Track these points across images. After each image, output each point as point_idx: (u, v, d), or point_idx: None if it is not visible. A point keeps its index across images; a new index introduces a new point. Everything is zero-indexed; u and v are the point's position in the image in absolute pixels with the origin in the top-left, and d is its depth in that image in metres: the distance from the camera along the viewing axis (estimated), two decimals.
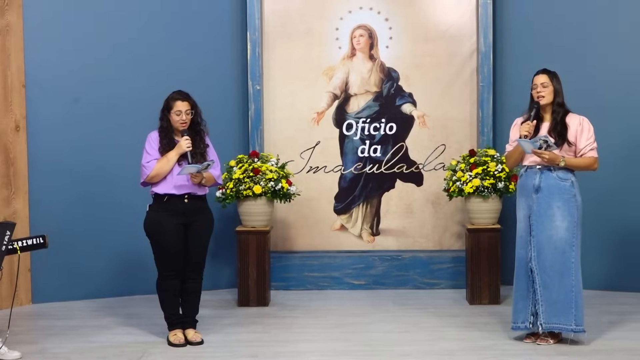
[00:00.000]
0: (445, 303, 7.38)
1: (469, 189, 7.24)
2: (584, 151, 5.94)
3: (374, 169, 7.99)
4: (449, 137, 7.97)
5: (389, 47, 7.97)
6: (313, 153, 8.00)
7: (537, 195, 5.94)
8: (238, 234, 7.40)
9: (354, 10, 7.96)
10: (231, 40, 7.96)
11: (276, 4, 7.95)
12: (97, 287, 7.62)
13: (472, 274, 7.34)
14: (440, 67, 7.95)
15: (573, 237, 5.90)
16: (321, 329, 6.57)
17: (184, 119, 6.03)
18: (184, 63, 7.74)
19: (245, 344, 6.16)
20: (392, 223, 8.03)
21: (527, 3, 7.85)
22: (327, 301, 7.49)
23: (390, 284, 7.91)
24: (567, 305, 5.89)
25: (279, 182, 7.30)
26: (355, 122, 7.98)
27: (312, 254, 7.98)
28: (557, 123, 5.95)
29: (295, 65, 7.97)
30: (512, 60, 7.88)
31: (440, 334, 6.34)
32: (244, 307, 7.29)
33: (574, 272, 5.91)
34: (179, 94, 6.08)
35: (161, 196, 6.05)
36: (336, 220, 8.05)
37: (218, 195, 7.34)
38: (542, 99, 5.97)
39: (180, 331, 6.15)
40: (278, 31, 7.97)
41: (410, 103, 7.98)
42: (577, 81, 7.45)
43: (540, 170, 5.96)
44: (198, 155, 6.09)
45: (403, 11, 7.95)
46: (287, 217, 7.99)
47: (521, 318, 6.04)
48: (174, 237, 6.02)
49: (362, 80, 7.96)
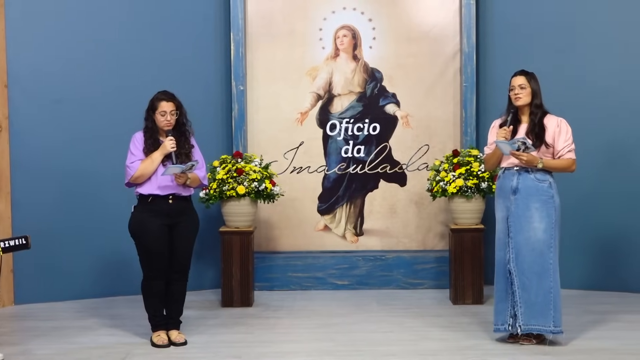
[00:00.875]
0: (428, 303, 7.39)
1: (452, 189, 7.26)
2: (561, 153, 5.95)
3: (357, 169, 8.00)
4: (433, 138, 7.99)
5: (373, 48, 7.98)
6: (297, 153, 8.00)
7: (515, 197, 5.95)
8: (222, 234, 7.39)
9: (337, 10, 7.97)
10: (214, 41, 7.95)
11: (259, 5, 7.95)
12: (81, 288, 7.59)
13: (456, 274, 7.36)
14: (424, 67, 7.97)
15: (551, 239, 5.91)
16: (305, 330, 6.57)
17: (169, 120, 6.01)
18: (167, 63, 7.73)
19: (229, 344, 6.15)
20: (376, 223, 8.04)
21: (510, 4, 7.87)
22: (311, 301, 7.49)
23: (373, 284, 7.92)
24: (545, 307, 5.90)
25: (262, 182, 7.29)
26: (339, 122, 7.98)
27: (296, 255, 7.98)
28: (535, 124, 5.95)
29: (278, 66, 7.97)
30: (495, 60, 7.91)
31: (423, 334, 6.36)
32: (227, 307, 7.28)
33: (552, 274, 5.91)
34: (164, 95, 6.06)
35: (146, 197, 6.03)
36: (320, 220, 8.05)
37: (201, 195, 7.33)
38: (520, 100, 5.97)
39: (163, 332, 6.14)
40: (261, 31, 7.96)
41: (394, 103, 7.99)
42: (560, 81, 7.50)
43: (518, 171, 5.97)
44: (183, 155, 6.06)
45: (386, 11, 7.96)
46: (270, 217, 7.99)
47: (500, 320, 6.04)
48: (159, 238, 6.00)
49: (345, 80, 7.97)
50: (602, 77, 7.62)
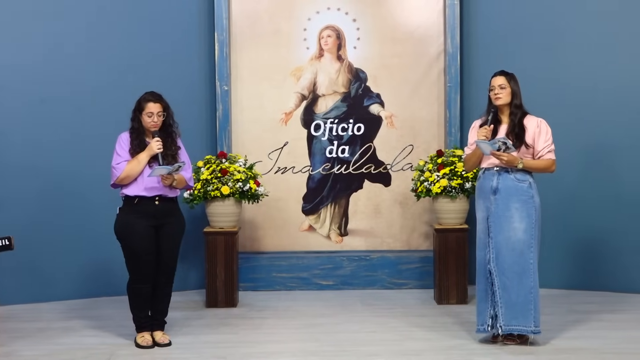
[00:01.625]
0: (413, 303, 7.41)
1: (436, 189, 7.28)
2: (541, 153, 5.97)
3: (342, 169, 8.01)
4: (417, 138, 8.01)
5: (357, 48, 7.99)
6: (281, 154, 8.01)
7: (495, 197, 5.96)
8: (206, 234, 7.38)
9: (321, 10, 7.97)
10: (199, 41, 7.94)
11: (244, 5, 7.95)
12: (64, 289, 7.57)
13: (440, 274, 7.38)
14: (408, 67, 7.98)
15: (531, 239, 5.92)
16: (290, 330, 6.57)
17: (156, 121, 5.99)
18: (152, 63, 7.71)
19: (214, 345, 6.14)
20: (360, 223, 8.05)
21: (493, 5, 7.89)
22: (296, 302, 7.49)
23: (358, 284, 7.93)
24: (526, 307, 5.91)
25: (247, 182, 7.29)
26: (323, 122, 7.99)
27: (281, 255, 7.98)
28: (515, 125, 5.97)
29: (263, 66, 7.97)
30: (479, 61, 7.93)
31: (408, 334, 6.37)
32: (212, 308, 7.28)
33: (532, 274, 5.93)
34: (152, 96, 6.02)
35: (131, 198, 6.01)
36: (304, 220, 8.05)
37: (186, 196, 7.32)
38: (500, 100, 5.99)
39: (148, 333, 6.13)
40: (246, 32, 7.96)
41: (378, 103, 8.00)
42: (543, 82, 7.54)
43: (498, 172, 5.98)
44: (169, 157, 6.04)
45: (371, 12, 7.97)
46: (255, 217, 7.99)
47: (481, 320, 6.06)
48: (145, 239, 5.98)
49: (330, 80, 7.98)
50: (584, 78, 7.66)
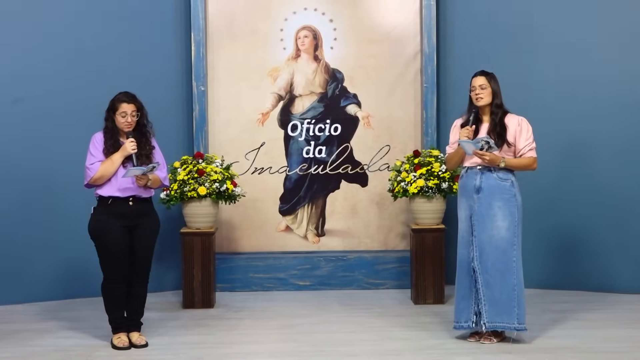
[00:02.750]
0: (390, 303, 7.41)
1: (413, 190, 7.28)
2: (523, 151, 6.01)
3: (319, 169, 8.00)
4: (394, 138, 8.02)
5: (334, 48, 7.99)
6: (258, 154, 7.99)
7: (478, 196, 5.99)
8: (183, 235, 7.36)
9: (298, 11, 7.97)
10: (175, 41, 7.92)
11: (220, 5, 7.93)
12: (39, 290, 7.51)
13: (417, 273, 7.39)
14: (385, 68, 7.99)
15: (514, 237, 5.97)
16: (267, 330, 6.56)
17: (130, 121, 5.96)
18: (127, 63, 7.68)
19: (191, 346, 6.12)
20: (337, 224, 8.05)
21: (470, 5, 7.92)
22: (273, 302, 7.48)
23: (335, 285, 7.93)
24: (509, 304, 5.95)
25: (223, 183, 7.27)
26: (300, 123, 7.98)
27: (258, 255, 7.97)
28: (496, 124, 6.01)
29: (239, 66, 7.95)
30: (456, 61, 7.95)
31: (386, 334, 6.37)
32: (189, 309, 7.25)
33: (516, 271, 5.98)
34: (125, 96, 5.99)
35: (105, 199, 5.98)
36: (281, 221, 8.04)
37: (162, 196, 7.29)
38: (481, 100, 6.02)
39: (124, 334, 6.09)
40: (222, 32, 7.94)
41: (355, 104, 8.00)
42: (519, 81, 7.56)
43: (480, 170, 6.02)
44: (143, 157, 6.01)
45: (347, 12, 7.98)
46: (232, 218, 7.97)
47: (464, 317, 6.08)
48: (119, 240, 5.95)
49: (306, 81, 7.97)
50: (561, 78, 7.69)
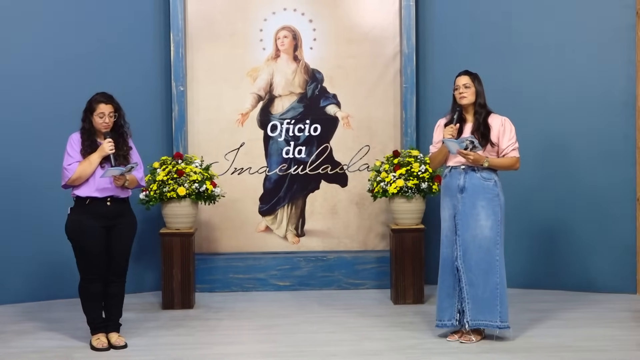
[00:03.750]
0: (370, 303, 7.42)
1: (392, 190, 7.29)
2: (506, 151, 6.05)
3: (298, 170, 8.00)
4: (373, 138, 8.02)
5: (313, 49, 7.99)
6: (237, 154, 7.98)
7: (462, 195, 6.02)
8: (162, 236, 7.33)
9: (278, 11, 7.96)
10: (154, 41, 7.89)
11: (200, 5, 7.91)
12: (17, 291, 7.47)
13: (397, 273, 7.39)
14: (364, 68, 8.00)
15: (497, 236, 6.01)
16: (247, 331, 6.55)
17: (107, 122, 5.95)
18: (106, 64, 7.65)
19: (170, 347, 6.10)
20: (317, 224, 8.05)
21: (449, 6, 7.94)
22: (253, 303, 7.47)
23: (315, 285, 7.93)
24: (492, 303, 5.99)
25: (203, 183, 7.25)
26: (280, 123, 7.98)
27: (237, 256, 7.95)
28: (480, 124, 6.04)
29: (219, 66, 7.94)
30: (435, 61, 7.97)
31: (365, 334, 6.38)
32: (168, 309, 7.23)
33: (499, 270, 6.02)
34: (102, 96, 5.99)
35: (83, 199, 5.96)
36: (261, 221, 8.03)
37: (141, 197, 7.27)
38: (464, 99, 6.05)
39: (103, 335, 6.07)
40: (202, 32, 7.92)
41: (335, 104, 8.01)
42: (499, 82, 7.58)
43: (464, 170, 6.04)
44: (121, 157, 6.01)
45: (327, 13, 7.98)
46: (211, 218, 7.95)
47: (447, 316, 6.11)
48: (97, 240, 5.94)
49: (286, 81, 7.96)
50: (540, 78, 7.73)
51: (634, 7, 7.49)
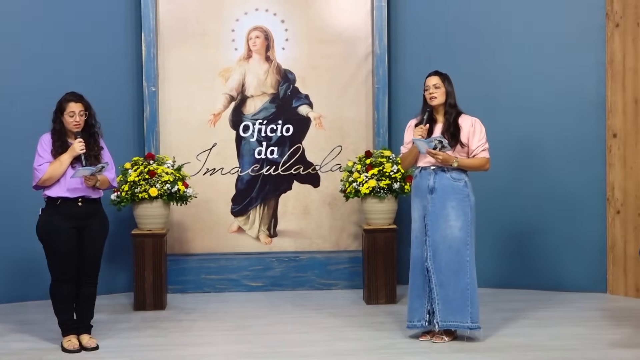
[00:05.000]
0: (342, 303, 7.43)
1: (365, 190, 7.30)
2: (476, 152, 6.07)
3: (271, 170, 7.99)
4: (345, 139, 8.03)
5: (285, 49, 7.98)
6: (209, 155, 7.96)
7: (432, 196, 6.04)
8: (134, 237, 7.30)
9: (249, 11, 7.95)
10: (125, 41, 7.85)
11: (171, 5, 7.88)
12: None
13: (369, 274, 7.41)
14: (336, 69, 8.01)
15: (467, 236, 6.03)
16: (220, 332, 6.53)
17: (78, 121, 5.92)
18: (77, 64, 7.61)
19: (142, 348, 6.07)
20: (290, 224, 8.05)
21: (421, 6, 7.96)
22: (225, 304, 7.46)
23: (288, 285, 7.92)
24: (463, 303, 6.01)
25: (175, 184, 7.23)
26: (252, 123, 7.97)
27: (210, 257, 7.93)
28: (450, 124, 6.06)
29: (191, 67, 7.91)
30: (407, 62, 7.99)
31: (338, 334, 6.38)
32: (140, 311, 7.20)
33: (469, 271, 6.04)
34: (72, 95, 5.97)
35: (54, 199, 5.93)
36: (233, 222, 8.02)
37: (113, 198, 7.23)
38: (435, 100, 6.07)
39: (74, 337, 6.04)
40: (173, 32, 7.90)
41: (307, 105, 8.01)
42: (471, 82, 7.61)
43: (434, 171, 6.06)
44: (92, 157, 5.98)
45: (299, 13, 7.98)
46: (183, 219, 7.92)
47: (417, 317, 6.12)
48: (68, 240, 5.90)
49: (258, 81, 7.96)
50: (512, 78, 7.77)
51: (604, 9, 7.55)
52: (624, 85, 7.46)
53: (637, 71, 7.37)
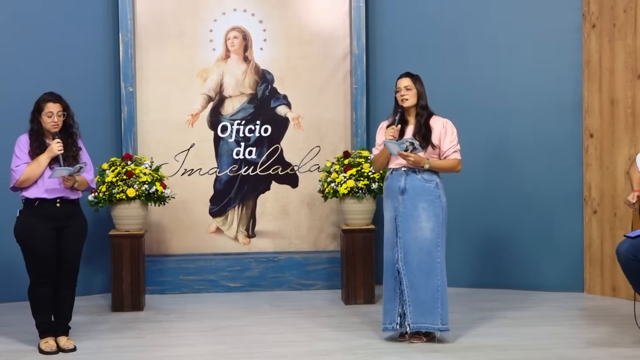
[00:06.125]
0: (321, 304, 7.43)
1: (343, 190, 7.31)
2: (447, 153, 6.07)
3: (249, 171, 7.99)
4: (324, 139, 8.04)
5: (264, 49, 7.98)
6: (188, 155, 7.95)
7: (403, 197, 6.03)
8: (111, 238, 7.28)
9: (227, 12, 7.94)
10: (103, 41, 7.82)
11: (149, 5, 7.86)
12: None
13: (347, 274, 7.41)
14: (315, 69, 8.01)
15: (438, 238, 6.02)
16: (198, 333, 6.52)
17: (56, 121, 5.90)
18: (55, 65, 7.57)
19: (120, 349, 6.06)
20: (268, 225, 8.04)
21: (399, 6, 7.98)
22: (204, 304, 7.44)
23: (266, 286, 7.92)
24: (433, 305, 6.00)
25: (153, 185, 7.21)
26: (230, 124, 7.96)
27: (188, 257, 7.92)
28: (422, 126, 6.06)
29: (169, 67, 7.90)
30: (385, 62, 8.01)
31: (316, 335, 6.39)
32: (118, 312, 7.18)
33: (440, 272, 6.03)
34: (51, 96, 5.94)
35: (32, 201, 5.90)
36: (212, 222, 8.01)
37: (90, 198, 7.20)
38: (406, 101, 6.07)
39: (52, 339, 6.01)
40: (151, 32, 7.88)
41: (285, 105, 8.01)
42: (448, 82, 7.65)
43: (405, 172, 6.05)
44: (70, 158, 5.95)
45: (277, 13, 7.97)
46: (161, 220, 7.91)
47: (389, 319, 6.12)
48: (46, 242, 5.88)
49: (236, 82, 7.95)
50: (489, 79, 7.80)
51: (581, 10, 7.59)
52: (600, 85, 7.50)
53: (614, 72, 7.41)
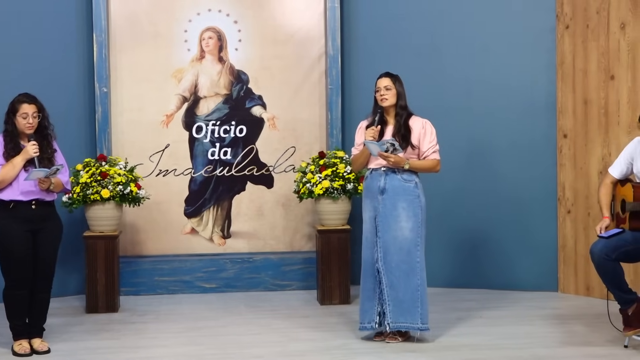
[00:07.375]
0: (296, 304, 7.43)
1: (318, 191, 7.31)
2: (426, 154, 6.09)
3: (224, 171, 7.97)
4: (299, 139, 8.04)
5: (239, 50, 7.97)
6: (162, 156, 7.92)
7: (383, 197, 6.05)
8: (86, 239, 7.25)
9: (202, 12, 7.92)
10: (77, 42, 7.78)
11: (123, 5, 7.83)
12: None
13: (323, 274, 7.42)
14: (290, 69, 8.01)
15: (418, 237, 6.05)
16: (173, 334, 6.50)
17: (31, 122, 5.86)
18: (28, 65, 7.52)
19: (95, 351, 6.03)
20: (243, 225, 8.03)
21: (374, 7, 7.99)
22: (179, 305, 7.42)
23: (241, 287, 7.90)
24: (413, 305, 6.02)
25: (127, 185, 7.18)
26: (205, 124, 7.94)
27: (163, 258, 7.89)
28: (401, 126, 6.07)
29: (143, 67, 7.87)
30: (360, 63, 8.02)
31: (292, 335, 6.38)
32: (92, 313, 7.14)
33: (419, 272, 6.05)
34: (26, 97, 5.90)
35: (7, 203, 5.85)
36: (187, 223, 7.99)
37: (64, 199, 7.16)
38: (386, 101, 6.08)
39: (25, 341, 5.97)
40: (125, 33, 7.84)
41: (260, 105, 8.00)
42: (423, 83, 7.67)
43: (385, 172, 6.07)
44: (45, 160, 5.91)
45: (252, 14, 7.96)
46: (136, 221, 7.87)
47: (367, 318, 6.13)
48: (22, 244, 5.84)
49: (211, 82, 7.93)
50: (463, 80, 7.82)
51: (554, 10, 7.63)
52: (574, 86, 7.55)
53: (587, 72, 7.46)
